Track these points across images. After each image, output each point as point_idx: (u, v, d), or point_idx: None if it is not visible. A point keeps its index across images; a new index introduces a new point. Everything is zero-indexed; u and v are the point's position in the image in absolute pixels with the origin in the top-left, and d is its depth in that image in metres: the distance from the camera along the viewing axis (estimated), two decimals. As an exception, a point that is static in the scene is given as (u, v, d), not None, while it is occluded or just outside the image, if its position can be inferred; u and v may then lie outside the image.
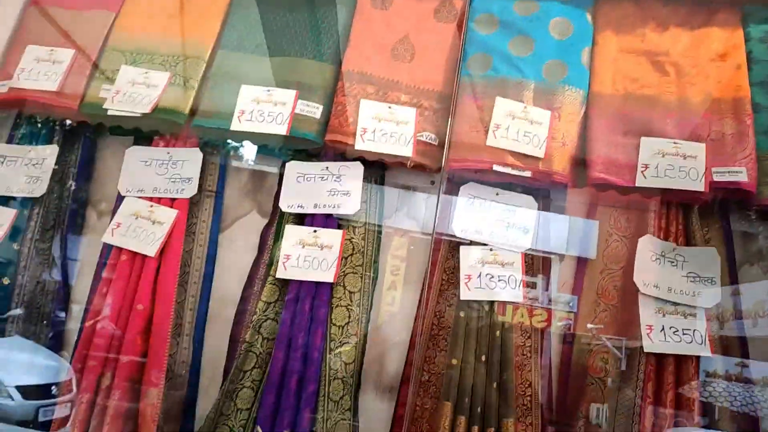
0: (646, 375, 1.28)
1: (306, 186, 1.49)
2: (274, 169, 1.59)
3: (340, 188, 1.48)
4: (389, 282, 1.50)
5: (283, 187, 1.50)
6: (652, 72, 1.48)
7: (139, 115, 1.50)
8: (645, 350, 1.27)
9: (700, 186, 1.34)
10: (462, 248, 1.41)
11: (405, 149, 1.46)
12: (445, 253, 1.46)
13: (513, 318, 1.39)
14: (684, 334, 1.28)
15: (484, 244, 1.41)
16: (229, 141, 1.55)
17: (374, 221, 1.50)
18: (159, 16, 1.65)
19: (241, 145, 1.57)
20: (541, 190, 1.48)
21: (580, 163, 1.44)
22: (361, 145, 1.46)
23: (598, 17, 1.56)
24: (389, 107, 1.49)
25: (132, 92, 1.54)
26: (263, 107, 1.50)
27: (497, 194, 1.45)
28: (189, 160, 1.54)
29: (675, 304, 1.32)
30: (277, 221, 1.50)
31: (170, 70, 1.56)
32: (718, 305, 1.32)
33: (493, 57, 1.51)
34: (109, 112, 1.52)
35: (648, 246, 1.37)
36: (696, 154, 1.38)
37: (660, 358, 1.30)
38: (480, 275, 1.37)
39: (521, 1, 1.56)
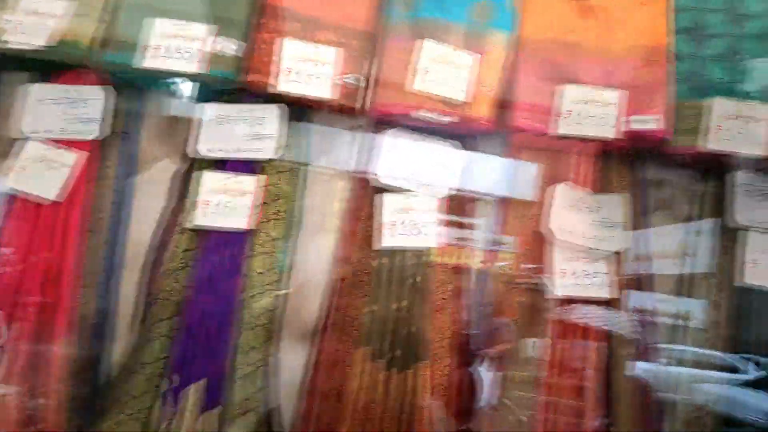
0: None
1: (225, 129, 1.42)
2: (192, 111, 1.52)
3: (261, 131, 1.42)
4: (319, 226, 1.48)
5: (201, 131, 1.43)
6: (579, 17, 1.47)
7: (36, 47, 1.39)
8: (556, 294, 1.33)
9: (616, 133, 1.38)
10: (385, 194, 1.41)
11: (329, 91, 1.41)
12: (371, 198, 1.45)
13: (440, 259, 1.41)
14: (594, 277, 1.34)
15: (408, 190, 1.41)
16: (142, 79, 1.45)
17: (299, 164, 1.47)
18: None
19: (156, 85, 1.48)
20: (468, 136, 1.48)
21: (506, 108, 1.44)
22: (284, 86, 1.39)
23: (528, -42, 1.53)
24: (314, 47, 1.42)
25: (31, 22, 1.41)
26: (176, 42, 1.40)
27: (423, 139, 1.44)
28: (95, 99, 1.43)
29: (587, 249, 1.38)
30: (195, 166, 1.44)
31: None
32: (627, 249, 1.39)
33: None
34: (9, 45, 1.40)
35: (564, 193, 1.40)
36: (615, 101, 1.39)
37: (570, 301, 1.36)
38: (403, 222, 1.37)
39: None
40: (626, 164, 1.44)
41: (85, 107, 1.43)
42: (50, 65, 1.43)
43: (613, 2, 1.47)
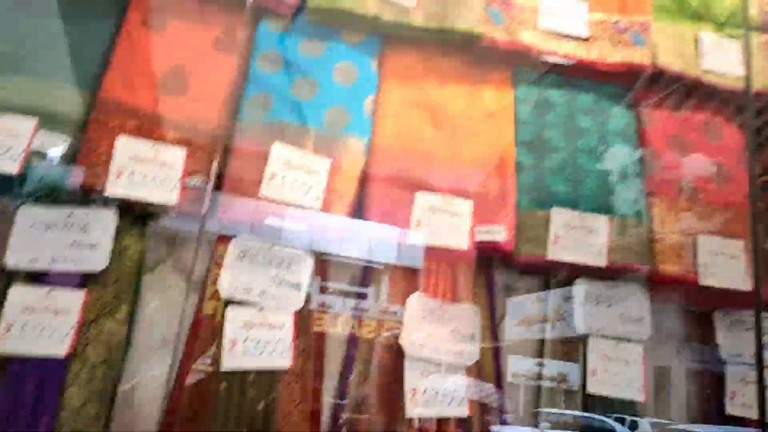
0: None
1: (43, 236, 1.25)
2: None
3: (86, 239, 1.28)
4: (155, 345, 1.32)
5: (12, 238, 1.24)
6: (431, 126, 1.50)
7: None
8: (407, 415, 1.29)
9: (464, 244, 1.40)
10: (228, 309, 1.30)
11: (170, 195, 1.30)
12: (213, 311, 1.34)
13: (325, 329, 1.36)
14: (444, 396, 1.32)
15: (256, 303, 1.32)
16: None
17: (130, 276, 1.32)
18: None
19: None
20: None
21: (358, 215, 1.42)
22: (116, 188, 1.26)
23: (384, 66, 1.54)
24: (153, 145, 1.32)
25: None
26: (-8, 138, 1.24)
27: (271, 248, 1.37)
28: None
29: (439, 364, 1.36)
30: (5, 278, 1.25)
31: None
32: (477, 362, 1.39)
33: (274, 98, 1.41)
34: None
35: (416, 304, 1.39)
36: (463, 211, 1.43)
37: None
38: (246, 339, 1.27)
39: (308, 40, 1.49)
40: (479, 272, 1.47)
41: None
42: None
43: (462, 113, 1.53)
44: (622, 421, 1.43)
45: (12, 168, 1.22)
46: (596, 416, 1.43)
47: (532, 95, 1.60)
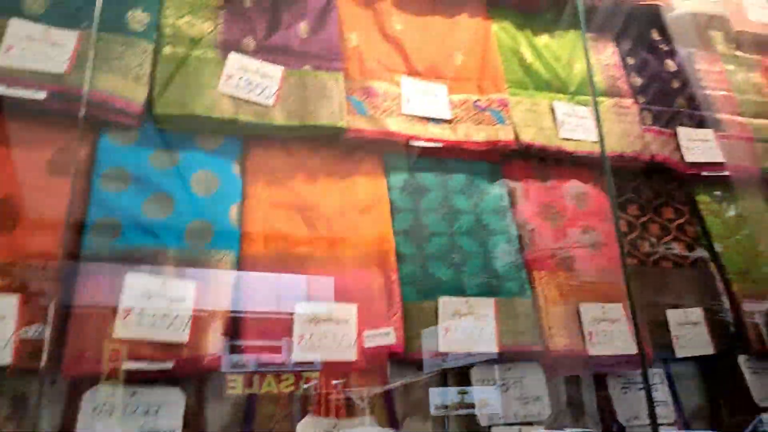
0: None
1: None
2: None
3: None
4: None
5: None
6: (304, 228, 1.42)
7: None
8: None
9: (353, 354, 1.32)
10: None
11: (4, 354, 1.12)
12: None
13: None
14: None
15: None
16: None
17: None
18: None
19: None
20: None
21: (240, 336, 1.29)
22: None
23: (248, 169, 1.45)
24: (-25, 299, 1.13)
25: None
26: None
27: (133, 395, 1.20)
28: None
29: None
30: None
31: None
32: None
33: (122, 222, 1.27)
34: None
35: (308, 428, 1.28)
36: (347, 317, 1.34)
37: None
38: None
39: (159, 151, 1.37)
40: (368, 376, 1.39)
41: None
42: None
43: (336, 210, 1.46)
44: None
45: None
46: None
47: (405, 182, 1.57)
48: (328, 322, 1.32)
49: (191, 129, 1.40)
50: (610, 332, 1.51)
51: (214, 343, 1.24)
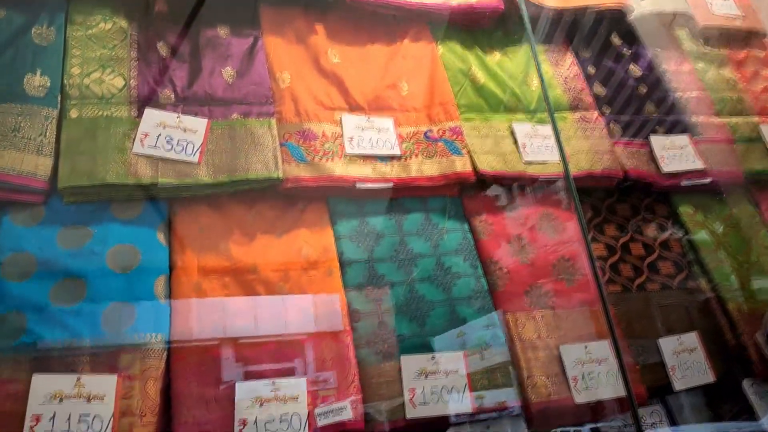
0: None
1: None
2: None
3: None
4: None
5: None
6: (241, 295, 1.28)
7: None
8: None
9: (308, 436, 1.17)
10: None
11: None
12: None
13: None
14: None
15: None
16: None
17: None
18: None
19: None
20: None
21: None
22: None
23: (175, 235, 1.30)
24: None
25: None
26: None
27: None
28: None
29: None
30: None
31: None
32: None
33: (26, 315, 1.11)
34: None
35: None
36: (296, 394, 1.18)
37: None
38: None
39: (67, 229, 1.22)
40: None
41: None
42: None
43: (278, 273, 1.30)
44: None
45: None
46: None
47: (354, 230, 1.42)
48: (273, 402, 1.16)
49: (105, 199, 1.26)
50: (596, 375, 1.36)
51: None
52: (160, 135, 1.32)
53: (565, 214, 1.59)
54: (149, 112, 1.34)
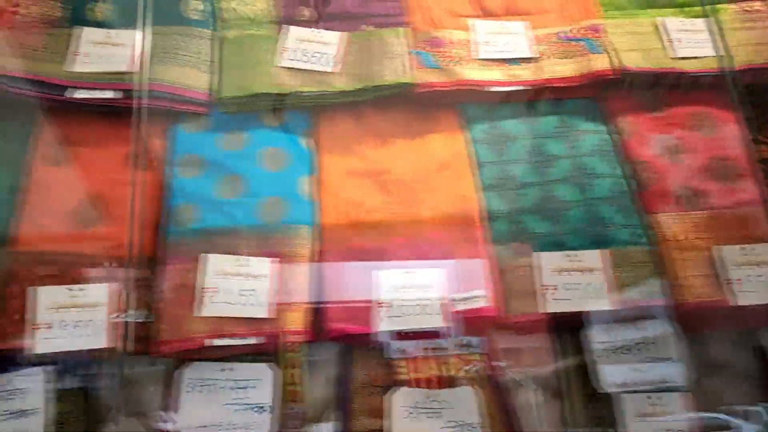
0: None
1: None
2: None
3: (15, 407, 1.14)
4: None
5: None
6: (378, 194, 1.34)
7: None
8: None
9: (440, 320, 1.20)
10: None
11: (101, 338, 1.17)
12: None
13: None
14: None
15: (213, 440, 1.15)
16: None
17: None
18: None
19: None
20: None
21: (317, 312, 1.25)
22: (43, 345, 1.14)
23: (318, 140, 1.40)
24: (70, 290, 1.19)
25: None
26: None
27: (223, 369, 1.20)
28: None
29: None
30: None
31: None
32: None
33: (198, 205, 1.27)
34: None
35: (401, 400, 1.19)
36: (433, 282, 1.24)
37: None
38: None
39: (228, 133, 1.37)
40: (462, 348, 1.26)
41: None
42: None
43: (412, 172, 1.36)
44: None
45: None
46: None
47: (487, 133, 1.42)
48: (411, 288, 1.22)
49: (256, 108, 1.39)
50: (754, 278, 1.23)
51: (297, 317, 1.20)
52: (299, 49, 1.43)
53: (720, 113, 1.43)
54: (289, 29, 1.45)
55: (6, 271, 1.19)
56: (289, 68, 1.39)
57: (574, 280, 1.25)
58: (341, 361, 1.25)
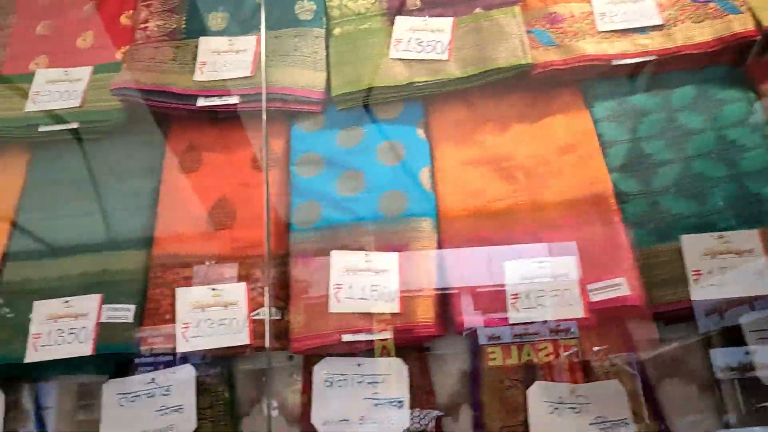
0: None
1: (130, 409, 1.21)
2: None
3: (171, 402, 1.22)
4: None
5: (102, 416, 1.22)
6: (500, 181, 1.29)
7: None
8: None
9: (579, 311, 1.14)
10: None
11: (241, 336, 1.22)
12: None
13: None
14: None
15: (355, 436, 1.16)
16: (33, 371, 1.27)
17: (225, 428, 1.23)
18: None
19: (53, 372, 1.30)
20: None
21: (446, 305, 1.23)
22: (184, 345, 1.20)
23: (432, 130, 1.38)
24: (213, 289, 1.25)
25: None
26: (62, 324, 1.25)
27: (359, 365, 1.21)
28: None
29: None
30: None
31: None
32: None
33: (321, 203, 1.29)
34: None
35: (540, 395, 1.14)
36: (568, 271, 1.18)
37: None
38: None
39: (344, 130, 1.38)
40: (604, 339, 1.19)
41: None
42: None
43: (535, 156, 1.30)
44: None
45: (86, 349, 1.21)
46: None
47: (613, 109, 1.32)
48: (545, 278, 1.17)
49: (371, 102, 1.38)
50: None
51: (427, 311, 1.19)
52: (410, 39, 1.40)
53: None
54: (399, 20, 1.42)
55: (152, 276, 1.28)
56: (402, 59, 1.37)
57: (726, 264, 1.14)
58: (470, 352, 1.23)
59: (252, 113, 1.37)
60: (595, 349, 1.17)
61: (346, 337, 1.17)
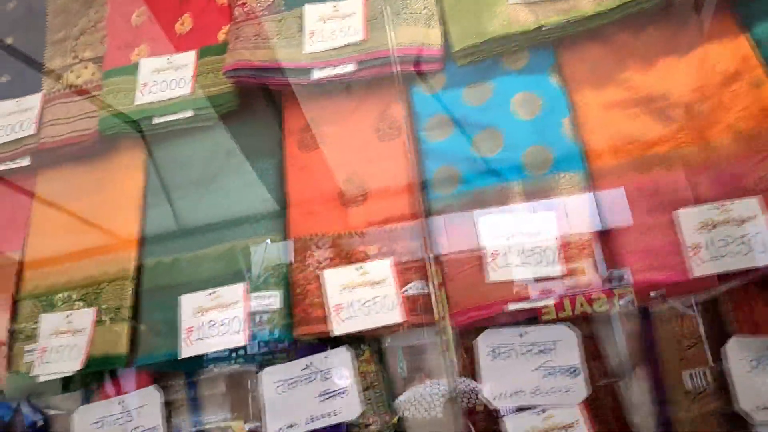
0: None
1: (291, 395, 1.20)
2: (251, 367, 1.31)
3: (332, 387, 1.19)
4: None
5: (265, 407, 1.21)
6: (655, 123, 1.18)
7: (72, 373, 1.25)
8: None
9: (774, 254, 1.03)
10: (506, 419, 1.11)
11: (393, 314, 1.16)
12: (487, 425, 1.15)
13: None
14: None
15: (532, 407, 1.11)
16: (185, 365, 1.26)
17: (385, 412, 1.20)
18: (65, 237, 1.41)
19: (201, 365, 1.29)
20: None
21: (617, 260, 1.13)
22: (339, 327, 1.16)
23: (567, 75, 1.26)
24: (358, 269, 1.20)
25: (59, 345, 1.29)
26: (213, 316, 1.23)
27: (522, 335, 1.15)
28: (147, 405, 1.27)
29: None
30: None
31: (94, 303, 1.30)
32: None
33: (459, 168, 1.22)
34: (40, 379, 1.27)
35: (739, 353, 1.05)
36: (752, 213, 1.06)
37: None
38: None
39: (469, 87, 1.27)
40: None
41: (140, 417, 1.26)
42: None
43: (690, 91, 1.16)
44: None
45: (240, 340, 1.19)
46: None
47: (777, 28, 1.19)
48: (727, 225, 1.06)
49: (495, 54, 1.27)
50: None
51: (590, 270, 1.11)
52: (531, -21, 1.28)
53: None
54: (517, -40, 1.31)
55: (292, 258, 1.24)
56: (525, 3, 1.25)
57: None
58: (642, 313, 1.15)
59: (367, 80, 1.29)
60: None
61: (511, 306, 1.10)
